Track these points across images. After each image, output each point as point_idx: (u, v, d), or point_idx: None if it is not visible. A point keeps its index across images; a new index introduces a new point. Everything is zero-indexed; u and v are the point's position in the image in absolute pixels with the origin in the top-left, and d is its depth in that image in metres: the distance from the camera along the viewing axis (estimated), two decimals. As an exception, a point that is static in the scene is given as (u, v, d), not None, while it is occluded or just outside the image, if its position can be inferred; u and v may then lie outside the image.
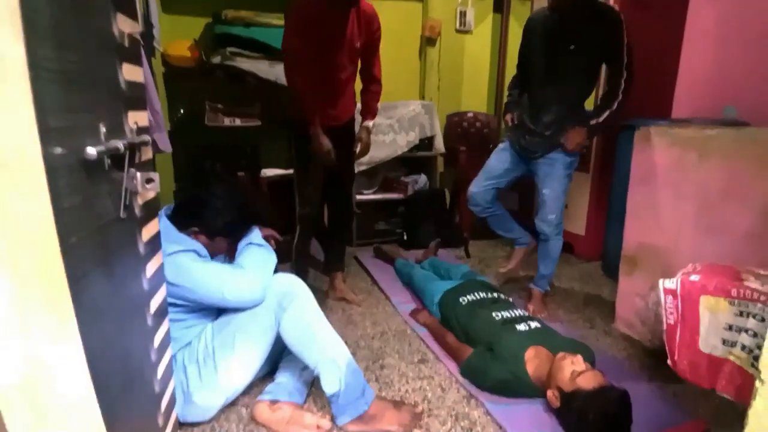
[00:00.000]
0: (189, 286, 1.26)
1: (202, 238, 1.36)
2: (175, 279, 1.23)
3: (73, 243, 0.55)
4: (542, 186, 2.06)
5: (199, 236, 1.36)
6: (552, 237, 2.08)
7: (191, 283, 1.26)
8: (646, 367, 1.73)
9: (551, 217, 2.04)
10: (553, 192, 2.03)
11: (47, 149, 0.50)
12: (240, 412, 1.43)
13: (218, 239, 1.38)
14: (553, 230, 2.06)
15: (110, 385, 0.65)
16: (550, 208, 2.04)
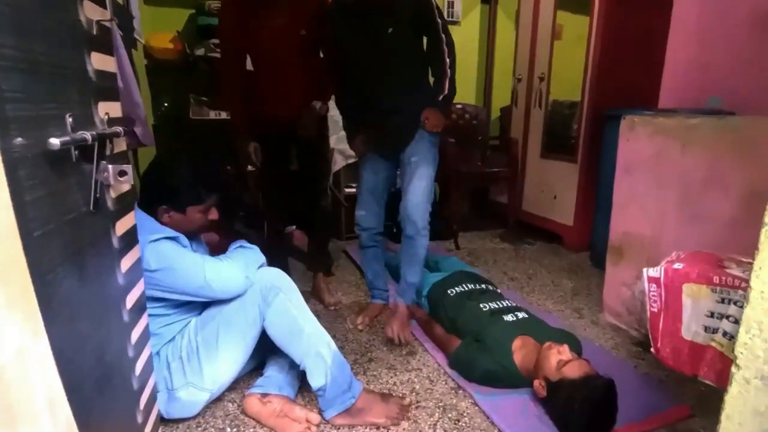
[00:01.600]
0: (171, 271, 1.23)
1: (174, 216, 1.31)
2: (157, 265, 1.21)
3: (38, 237, 0.54)
4: (411, 173, 1.81)
5: (172, 215, 1.31)
6: (420, 233, 1.82)
7: (173, 268, 1.23)
8: (632, 355, 1.74)
9: (421, 208, 1.80)
10: (422, 179, 1.80)
11: (5, 140, 0.48)
12: (226, 407, 1.42)
13: (190, 211, 1.32)
14: (421, 225, 1.81)
15: (82, 383, 0.63)
16: (419, 197, 1.79)
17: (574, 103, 2.85)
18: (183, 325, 1.35)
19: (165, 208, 1.28)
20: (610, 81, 2.61)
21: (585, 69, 2.68)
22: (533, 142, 3.13)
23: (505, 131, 3.56)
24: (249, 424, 1.34)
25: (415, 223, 1.79)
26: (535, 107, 3.07)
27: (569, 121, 2.94)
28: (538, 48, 3.02)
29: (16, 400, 0.49)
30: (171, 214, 1.30)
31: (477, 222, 3.51)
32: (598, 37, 2.57)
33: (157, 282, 1.22)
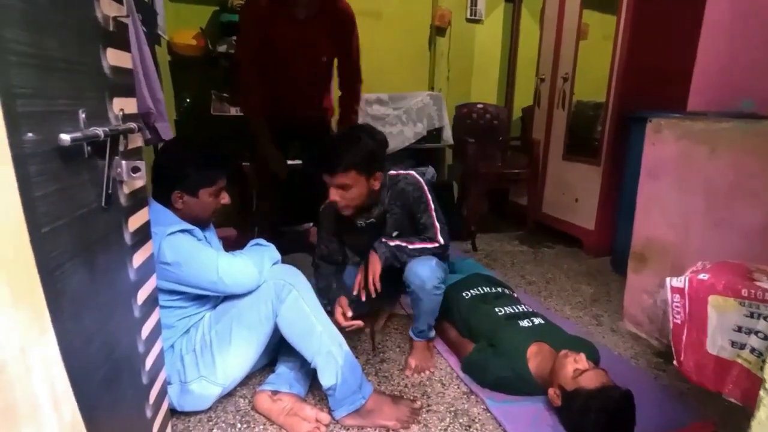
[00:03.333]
0: (186, 264, 1.24)
1: (188, 200, 1.31)
2: (172, 258, 1.22)
3: (46, 233, 0.54)
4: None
5: (185, 199, 1.31)
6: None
7: (188, 263, 1.25)
8: (652, 366, 1.68)
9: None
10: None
11: (15, 135, 0.48)
12: (237, 403, 1.42)
13: (202, 194, 1.32)
14: (430, 285, 1.56)
15: (90, 379, 0.64)
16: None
17: (598, 105, 2.78)
18: (198, 319, 1.36)
19: (178, 193, 1.29)
20: (636, 82, 2.53)
21: (610, 70, 2.60)
22: (555, 144, 3.06)
23: (526, 132, 3.50)
24: (259, 421, 1.35)
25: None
26: (557, 108, 3.00)
27: (593, 123, 2.87)
28: (562, 47, 2.96)
29: (18, 397, 0.49)
30: (184, 199, 1.30)
31: (495, 223, 3.47)
32: (625, 36, 2.50)
33: (171, 275, 1.24)
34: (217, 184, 1.34)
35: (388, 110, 3.02)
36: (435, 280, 1.52)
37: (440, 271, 1.56)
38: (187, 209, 1.31)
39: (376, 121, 3.00)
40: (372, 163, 1.49)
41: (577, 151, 2.92)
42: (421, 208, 1.62)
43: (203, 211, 1.35)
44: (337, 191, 1.48)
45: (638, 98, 2.49)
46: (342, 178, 1.46)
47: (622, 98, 2.56)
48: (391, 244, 1.55)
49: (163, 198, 1.30)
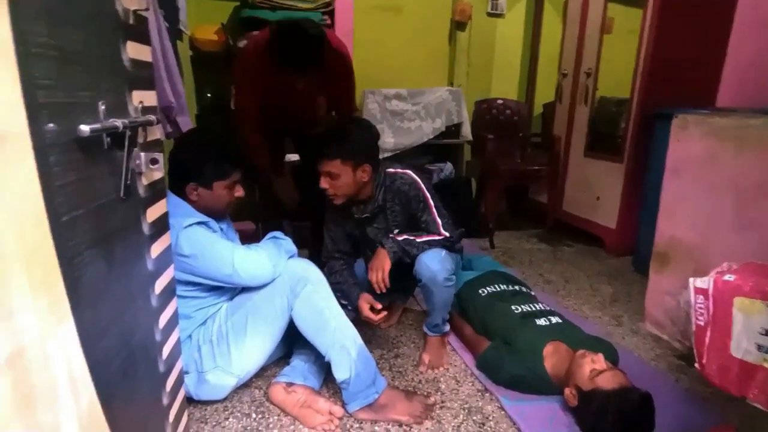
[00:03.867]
0: (202, 256, 1.26)
1: (202, 192, 1.33)
2: (189, 251, 1.24)
3: (66, 222, 0.55)
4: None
5: (200, 191, 1.33)
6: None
7: (204, 254, 1.26)
8: (674, 369, 1.64)
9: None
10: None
11: (36, 126, 0.49)
12: (253, 394, 1.44)
13: (216, 186, 1.34)
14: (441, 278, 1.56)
15: (107, 366, 0.65)
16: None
17: (622, 101, 2.71)
18: (215, 310, 1.38)
19: (193, 186, 1.31)
20: (662, 78, 2.46)
21: (636, 65, 2.53)
22: (577, 140, 3.00)
23: (547, 128, 3.44)
24: (273, 412, 1.36)
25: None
26: (580, 104, 2.94)
27: (616, 119, 2.80)
28: (586, 42, 2.89)
29: (37, 383, 0.50)
30: (199, 191, 1.32)
31: (514, 221, 3.43)
32: (651, 30, 2.43)
33: (187, 266, 1.26)
34: (231, 177, 1.35)
35: (406, 106, 3.01)
36: (445, 272, 1.52)
37: (450, 263, 1.55)
38: (201, 201, 1.33)
39: (394, 117, 2.99)
40: (359, 155, 1.52)
41: (599, 148, 2.86)
42: (421, 207, 1.61)
43: (218, 204, 1.36)
44: (325, 179, 1.54)
45: (664, 94, 2.42)
46: (328, 166, 1.51)
47: (647, 94, 2.49)
48: (399, 239, 1.55)
49: (178, 190, 1.32)
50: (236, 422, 1.32)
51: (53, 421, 0.53)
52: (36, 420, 0.50)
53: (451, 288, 1.57)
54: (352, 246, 1.81)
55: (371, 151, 1.59)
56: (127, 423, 0.71)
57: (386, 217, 1.66)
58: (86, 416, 0.60)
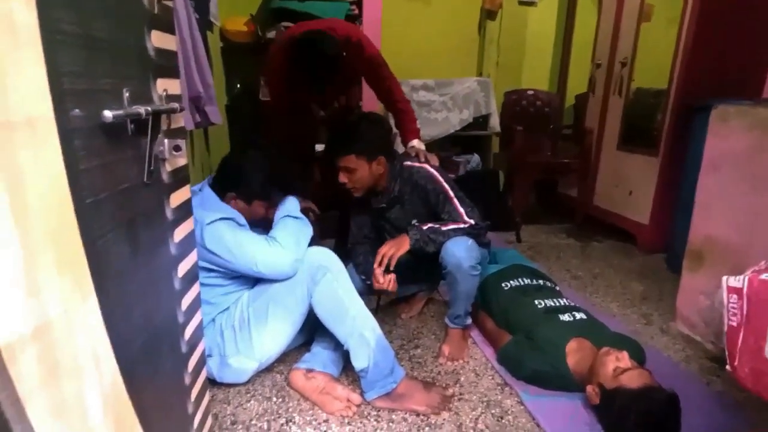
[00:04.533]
0: (225, 254, 1.30)
1: (240, 203, 1.39)
2: (214, 247, 1.28)
3: (90, 204, 0.57)
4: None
5: (238, 201, 1.39)
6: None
7: (228, 252, 1.30)
8: (705, 371, 1.58)
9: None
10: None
11: (61, 111, 0.51)
12: (275, 378, 1.48)
13: (255, 203, 1.41)
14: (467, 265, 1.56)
15: (130, 343, 0.68)
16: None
17: (659, 92, 2.60)
18: (238, 297, 1.42)
19: (233, 195, 1.36)
20: (703, 69, 2.34)
21: (674, 55, 2.42)
22: (610, 133, 2.90)
23: (579, 120, 3.34)
24: (293, 397, 1.39)
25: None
26: (614, 95, 2.84)
27: (652, 111, 2.68)
28: (622, 30, 2.78)
29: (62, 356, 0.53)
30: (236, 201, 1.37)
31: (542, 215, 3.36)
32: (692, 18, 2.31)
33: (211, 260, 1.30)
34: (273, 200, 1.39)
35: (434, 96, 2.98)
36: (471, 260, 1.51)
37: (476, 252, 1.54)
38: (236, 208, 1.38)
39: (422, 108, 2.96)
40: (373, 149, 1.58)
41: (633, 141, 2.76)
42: (441, 199, 1.61)
43: (250, 216, 1.41)
44: (343, 174, 1.61)
45: (704, 86, 2.31)
46: (344, 161, 1.58)
47: (686, 85, 2.38)
48: (423, 227, 1.55)
49: (218, 191, 1.37)
50: (257, 405, 1.35)
51: (78, 394, 0.56)
52: (61, 392, 0.53)
53: (476, 278, 1.56)
54: (377, 232, 1.84)
55: (384, 143, 1.64)
56: (149, 400, 0.74)
57: (403, 207, 1.68)
58: (110, 392, 0.63)
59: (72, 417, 0.55)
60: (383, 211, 1.72)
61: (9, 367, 0.44)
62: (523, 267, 1.92)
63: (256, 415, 1.31)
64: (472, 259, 1.51)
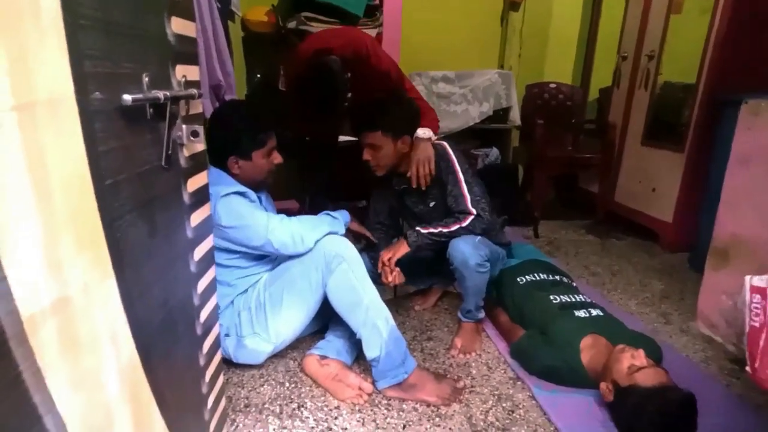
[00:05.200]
0: (237, 223, 1.32)
1: (242, 163, 1.38)
2: (225, 218, 1.31)
3: (109, 185, 0.59)
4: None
5: (240, 164, 1.38)
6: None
7: (239, 221, 1.32)
8: (725, 372, 1.55)
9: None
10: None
11: (82, 93, 0.53)
12: (288, 364, 1.50)
13: (255, 156, 1.39)
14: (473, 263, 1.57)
15: (147, 323, 0.70)
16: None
17: (688, 86, 2.52)
18: (255, 280, 1.45)
19: (234, 159, 1.37)
20: (734, 62, 2.26)
21: (705, 47, 2.34)
22: (634, 128, 2.84)
23: (602, 114, 3.27)
24: (306, 383, 1.41)
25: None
26: (639, 88, 2.77)
27: (679, 106, 2.61)
28: (650, 22, 2.70)
29: (82, 329, 0.54)
30: (240, 164, 1.38)
31: (562, 211, 3.31)
32: (726, 9, 2.23)
33: (224, 234, 1.32)
34: (268, 145, 1.40)
35: (453, 88, 2.95)
36: (478, 257, 1.50)
37: (484, 249, 1.53)
38: (243, 173, 1.39)
39: (441, 100, 2.94)
40: (398, 127, 1.57)
41: (658, 137, 2.69)
42: (450, 179, 1.61)
43: (259, 174, 1.42)
44: (368, 151, 1.60)
45: (734, 80, 2.24)
46: (370, 138, 1.57)
47: (716, 79, 2.31)
48: (424, 232, 1.55)
49: (220, 164, 1.38)
50: (270, 389, 1.38)
51: (96, 369, 0.58)
52: (80, 365, 0.55)
53: (485, 274, 1.55)
54: (393, 220, 1.85)
55: (410, 123, 1.63)
56: (164, 378, 0.76)
57: (422, 189, 1.66)
58: (126, 368, 0.65)
59: (90, 390, 0.57)
60: (403, 193, 1.72)
61: (30, 338, 0.46)
62: (540, 262, 1.90)
63: (269, 399, 1.34)
64: (479, 257, 1.50)
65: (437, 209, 1.65)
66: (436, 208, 1.66)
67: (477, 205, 1.57)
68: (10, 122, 0.43)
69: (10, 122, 0.43)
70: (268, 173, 1.44)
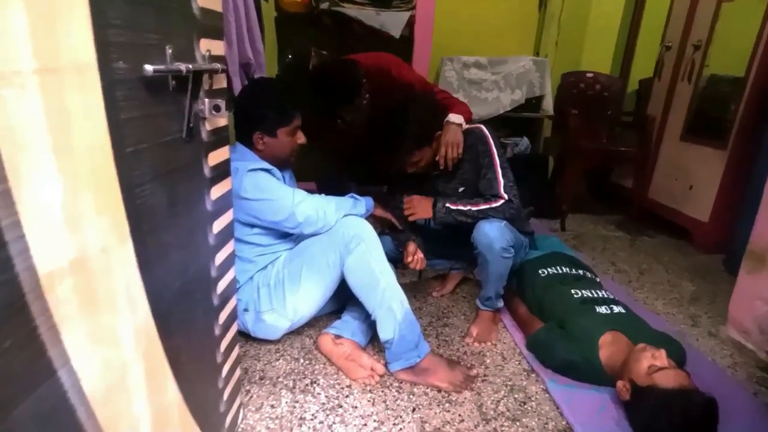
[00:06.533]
0: (263, 198, 1.34)
1: (268, 141, 1.40)
2: (252, 192, 1.33)
3: (129, 153, 0.60)
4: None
5: (265, 140, 1.40)
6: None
7: (266, 195, 1.34)
8: (754, 380, 1.48)
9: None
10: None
11: (105, 61, 0.54)
12: (304, 341, 1.53)
13: (280, 133, 1.40)
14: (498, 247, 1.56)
15: (163, 289, 0.72)
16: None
17: (736, 80, 2.38)
18: (275, 257, 1.48)
19: (259, 134, 1.39)
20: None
21: (758, 38, 2.20)
22: (674, 122, 2.71)
23: (641, 107, 3.14)
24: (320, 360, 1.44)
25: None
26: (682, 80, 2.64)
27: (725, 101, 2.47)
28: (699, 9, 2.56)
29: (98, 289, 0.57)
30: (265, 140, 1.39)
31: (592, 205, 3.22)
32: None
33: (249, 209, 1.35)
34: (293, 123, 1.41)
35: (485, 75, 2.89)
36: (503, 242, 1.48)
37: (509, 234, 1.51)
38: (268, 150, 1.40)
39: (471, 86, 2.88)
40: (428, 133, 1.57)
41: (699, 132, 2.56)
42: (486, 162, 1.58)
43: (282, 151, 1.43)
44: (411, 166, 1.62)
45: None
46: (411, 159, 1.58)
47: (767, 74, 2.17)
48: (453, 208, 1.54)
49: (246, 140, 1.40)
50: (285, 364, 1.41)
51: (111, 328, 0.60)
52: (98, 321, 0.57)
53: (509, 260, 1.53)
54: None
55: (435, 119, 1.62)
56: (178, 344, 0.79)
57: (454, 173, 1.65)
58: (142, 331, 0.67)
59: (105, 348, 0.59)
60: (434, 177, 1.70)
61: (47, 294, 0.48)
62: (563, 255, 1.86)
63: (284, 374, 1.37)
64: (505, 241, 1.49)
65: (466, 194, 1.64)
66: (465, 193, 1.64)
67: (510, 191, 1.56)
68: (32, 84, 0.45)
69: (32, 84, 0.45)
70: (292, 152, 1.46)
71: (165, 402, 0.77)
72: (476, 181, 1.62)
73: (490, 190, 1.56)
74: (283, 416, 1.20)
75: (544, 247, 2.06)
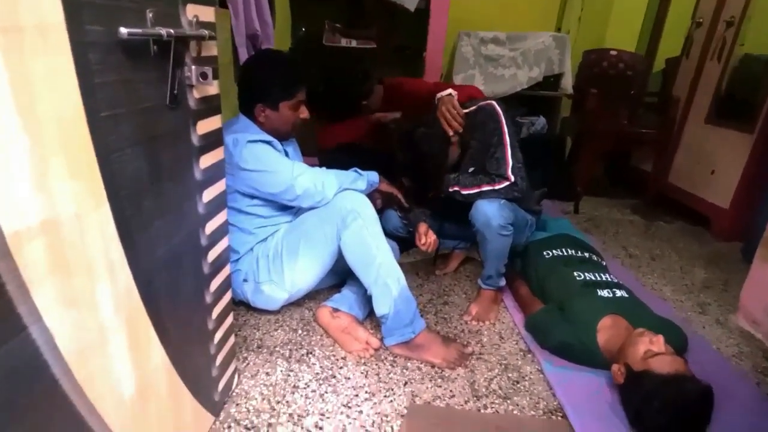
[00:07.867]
0: (263, 169, 1.35)
1: (269, 114, 1.40)
2: (251, 163, 1.34)
3: (104, 117, 0.61)
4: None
5: (267, 113, 1.40)
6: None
7: (266, 167, 1.35)
8: (758, 371, 1.45)
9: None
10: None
11: (74, 23, 0.54)
12: (303, 313, 1.55)
13: (282, 107, 1.39)
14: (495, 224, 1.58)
15: (146, 255, 0.73)
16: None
17: (771, 59, 2.26)
18: (275, 230, 1.49)
19: (261, 107, 1.38)
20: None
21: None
22: (700, 103, 2.60)
23: (666, 87, 3.01)
24: (317, 332, 1.46)
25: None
26: (711, 59, 2.51)
27: (756, 82, 2.35)
28: (734, -18, 2.41)
29: (72, 252, 0.58)
30: (266, 113, 1.39)
31: (608, 188, 3.14)
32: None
33: (248, 180, 1.36)
34: (296, 98, 1.40)
35: (503, 51, 2.80)
36: (501, 219, 1.46)
37: (507, 211, 1.49)
38: (269, 123, 1.40)
39: (488, 62, 2.81)
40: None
41: (726, 115, 2.45)
42: (495, 141, 1.55)
43: (284, 125, 1.42)
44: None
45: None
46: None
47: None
48: (449, 190, 1.56)
49: (248, 112, 1.40)
50: (283, 334, 1.44)
51: (88, 291, 0.62)
52: (70, 285, 0.58)
53: (507, 238, 1.51)
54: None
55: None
56: (165, 309, 0.80)
57: (463, 154, 1.65)
58: (122, 295, 0.69)
59: (81, 309, 0.61)
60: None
61: (14, 253, 0.49)
62: (570, 237, 1.82)
63: (281, 343, 1.40)
64: (502, 219, 1.47)
65: (476, 174, 1.61)
66: (475, 173, 1.61)
67: (517, 173, 1.52)
68: (-8, 43, 0.45)
69: (-8, 43, 0.45)
70: (293, 126, 1.45)
71: (150, 365, 0.79)
72: (485, 160, 1.59)
73: (498, 169, 1.53)
74: (277, 383, 1.23)
75: (552, 229, 2.02)
